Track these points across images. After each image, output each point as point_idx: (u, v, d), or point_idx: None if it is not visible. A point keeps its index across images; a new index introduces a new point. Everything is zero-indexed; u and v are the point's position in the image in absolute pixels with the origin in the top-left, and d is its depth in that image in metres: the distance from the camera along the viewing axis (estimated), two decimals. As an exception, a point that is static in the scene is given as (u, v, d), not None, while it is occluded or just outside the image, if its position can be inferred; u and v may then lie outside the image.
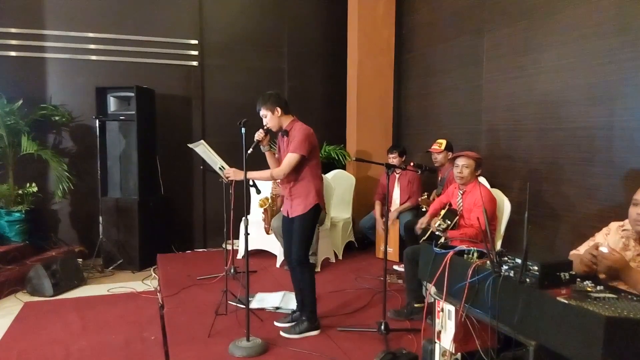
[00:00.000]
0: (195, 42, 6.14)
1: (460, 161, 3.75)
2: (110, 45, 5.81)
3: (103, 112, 5.42)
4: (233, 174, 3.46)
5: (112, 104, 5.45)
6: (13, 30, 5.50)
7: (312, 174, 3.42)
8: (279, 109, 3.37)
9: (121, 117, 5.44)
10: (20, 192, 5.26)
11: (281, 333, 3.42)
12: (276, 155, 3.59)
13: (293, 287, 3.65)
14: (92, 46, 5.76)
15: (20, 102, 5.29)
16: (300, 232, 3.42)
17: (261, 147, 3.45)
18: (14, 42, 5.50)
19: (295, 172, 3.41)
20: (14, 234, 5.18)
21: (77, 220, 5.85)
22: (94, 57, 5.77)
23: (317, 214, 3.46)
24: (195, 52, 6.15)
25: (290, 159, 3.33)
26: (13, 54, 5.51)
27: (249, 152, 3.20)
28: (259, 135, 3.38)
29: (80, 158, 5.74)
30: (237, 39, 6.31)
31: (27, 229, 5.27)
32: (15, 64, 5.52)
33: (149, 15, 5.95)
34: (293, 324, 3.50)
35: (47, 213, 5.72)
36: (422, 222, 3.97)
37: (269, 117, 3.40)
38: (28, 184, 5.29)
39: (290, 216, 3.49)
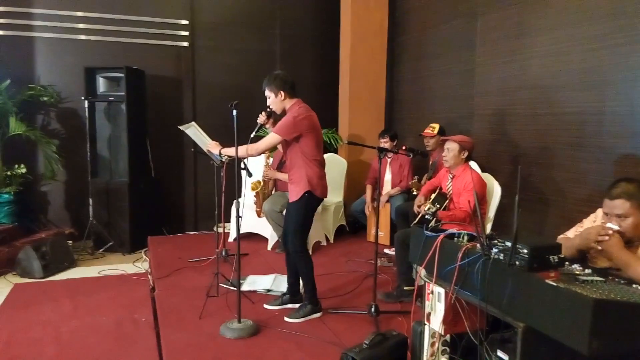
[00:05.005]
0: (185, 22, 6.04)
1: (445, 145, 3.81)
2: (100, 24, 5.70)
3: (92, 93, 5.34)
4: (212, 146, 3.53)
5: (101, 84, 5.37)
6: (0, 8, 5.37)
7: (305, 160, 3.36)
8: (282, 93, 3.32)
9: (110, 98, 5.36)
10: (8, 173, 5.20)
11: (285, 318, 3.40)
12: None
13: (286, 270, 3.65)
14: (81, 25, 5.65)
15: (8, 82, 5.19)
16: (293, 219, 3.41)
17: (266, 129, 3.44)
18: (1, 20, 5.38)
19: (290, 158, 3.39)
20: (2, 215, 5.13)
21: (67, 202, 5.80)
22: (83, 37, 5.67)
23: (309, 202, 3.40)
24: (185, 33, 6.06)
25: (269, 137, 3.31)
26: (0, 32, 5.40)
27: (252, 136, 3.21)
28: (261, 118, 3.39)
29: (70, 139, 5.66)
30: (228, 20, 6.22)
31: (16, 210, 5.22)
32: (2, 43, 5.41)
33: (139, -6, 5.85)
34: (297, 306, 3.50)
35: (37, 194, 5.67)
36: (419, 200, 3.96)
37: (272, 99, 3.36)
38: (17, 165, 5.22)
39: (289, 201, 3.49)
